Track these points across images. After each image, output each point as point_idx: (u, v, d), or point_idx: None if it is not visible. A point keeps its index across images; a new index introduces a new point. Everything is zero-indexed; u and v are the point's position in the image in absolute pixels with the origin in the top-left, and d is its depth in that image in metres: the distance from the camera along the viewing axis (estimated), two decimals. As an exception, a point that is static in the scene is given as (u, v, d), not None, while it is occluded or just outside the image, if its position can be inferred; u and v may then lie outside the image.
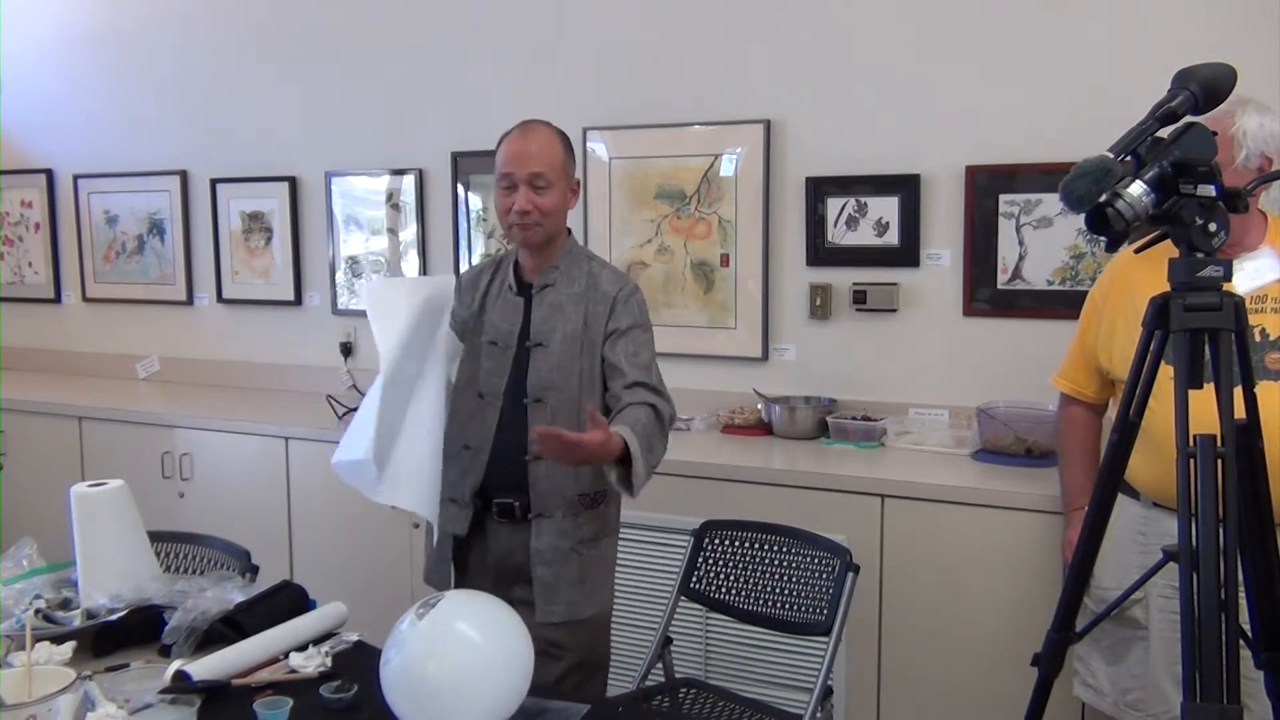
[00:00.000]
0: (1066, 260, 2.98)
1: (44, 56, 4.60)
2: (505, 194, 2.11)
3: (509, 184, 2.10)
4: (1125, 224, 1.55)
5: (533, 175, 2.08)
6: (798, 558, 2.42)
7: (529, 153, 2.09)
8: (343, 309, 4.07)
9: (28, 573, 2.16)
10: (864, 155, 3.19)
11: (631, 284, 2.20)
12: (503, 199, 2.12)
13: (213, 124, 4.26)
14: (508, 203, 2.10)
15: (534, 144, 2.10)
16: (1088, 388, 2.28)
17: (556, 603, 2.13)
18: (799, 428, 3.18)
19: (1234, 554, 1.55)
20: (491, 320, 2.19)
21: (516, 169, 2.09)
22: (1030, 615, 2.47)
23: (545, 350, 2.13)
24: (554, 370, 2.12)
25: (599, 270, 2.20)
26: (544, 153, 2.10)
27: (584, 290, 2.16)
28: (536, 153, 2.09)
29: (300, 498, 3.54)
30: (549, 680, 2.07)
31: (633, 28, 3.48)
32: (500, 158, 2.12)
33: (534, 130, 2.13)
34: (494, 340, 2.17)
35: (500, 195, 2.12)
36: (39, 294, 4.77)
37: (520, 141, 2.11)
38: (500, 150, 2.13)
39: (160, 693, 1.69)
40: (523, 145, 2.10)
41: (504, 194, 2.11)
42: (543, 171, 2.08)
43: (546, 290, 2.16)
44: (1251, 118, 1.97)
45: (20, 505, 3.94)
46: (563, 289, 2.16)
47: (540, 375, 2.12)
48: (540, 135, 2.13)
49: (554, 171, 2.10)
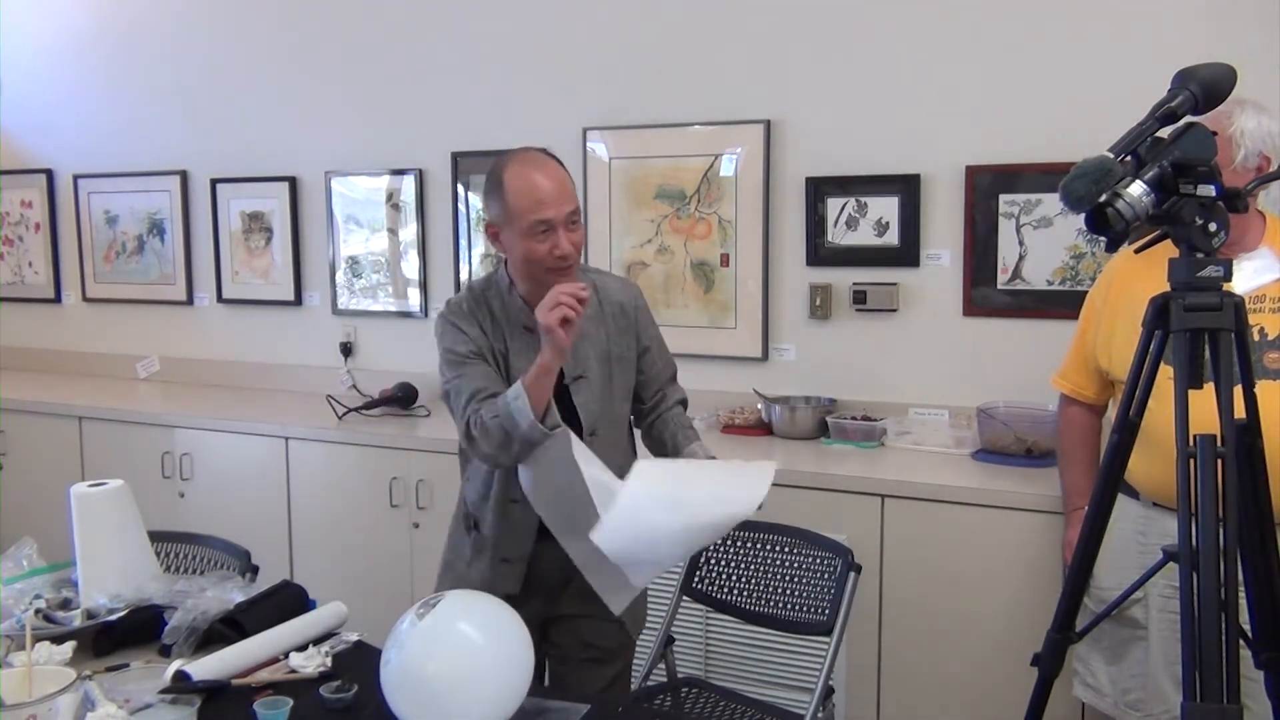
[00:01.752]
0: (1066, 260, 2.98)
1: (44, 56, 4.60)
2: (541, 239, 1.91)
3: (546, 228, 1.91)
4: (1125, 224, 1.55)
5: (570, 214, 1.93)
6: (799, 558, 2.42)
7: (562, 191, 1.93)
8: (343, 309, 4.07)
9: (28, 573, 2.16)
10: (864, 155, 3.19)
11: (635, 286, 2.19)
12: (536, 245, 1.92)
13: (213, 124, 4.26)
14: (543, 247, 1.92)
15: (557, 179, 1.94)
16: (1087, 388, 2.28)
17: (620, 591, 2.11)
18: (799, 428, 3.19)
19: (1234, 554, 1.55)
20: (521, 368, 1.97)
21: (555, 213, 1.90)
22: (1030, 615, 2.46)
23: (587, 381, 2.04)
24: (599, 400, 2.07)
25: (601, 280, 2.14)
26: (568, 184, 1.95)
27: (597, 307, 2.09)
28: (565, 188, 1.94)
29: (300, 498, 3.54)
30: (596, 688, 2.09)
31: (633, 28, 3.48)
32: (527, 202, 1.91)
33: (548, 164, 1.96)
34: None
35: (531, 243, 1.92)
36: (39, 294, 4.77)
37: (550, 181, 1.92)
38: (519, 193, 1.92)
39: (160, 693, 1.69)
40: (557, 184, 1.93)
41: (539, 240, 1.91)
42: (577, 206, 1.95)
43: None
44: (1250, 118, 1.97)
45: (20, 505, 3.94)
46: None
47: (590, 408, 2.05)
48: (557, 168, 1.97)
49: (578, 203, 1.97)
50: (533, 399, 1.85)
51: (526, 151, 2.00)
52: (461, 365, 2.00)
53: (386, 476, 3.33)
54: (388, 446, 3.37)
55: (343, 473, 3.45)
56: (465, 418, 1.95)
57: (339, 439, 3.46)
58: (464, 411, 1.96)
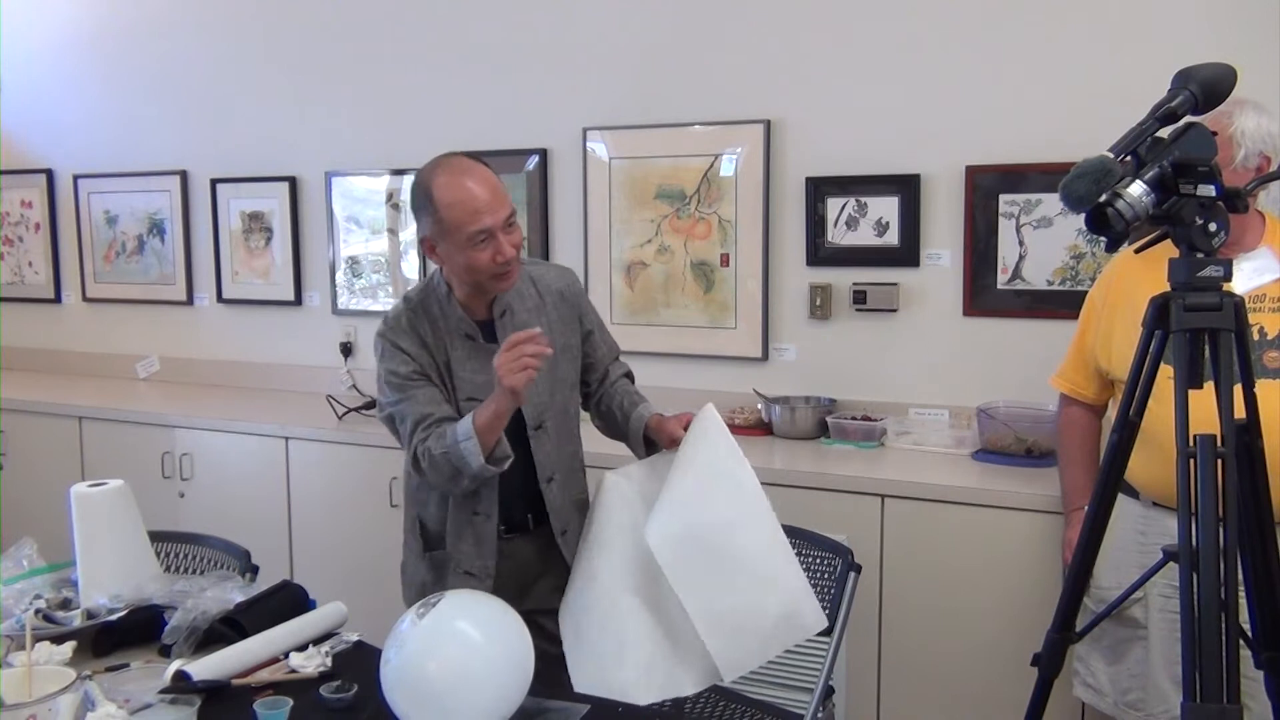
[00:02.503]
0: (1066, 260, 2.98)
1: (44, 56, 4.60)
2: (479, 249, 1.90)
3: (485, 238, 1.90)
4: (1125, 224, 1.55)
5: (506, 219, 1.91)
6: (800, 557, 2.41)
7: (496, 197, 1.91)
8: (343, 309, 4.07)
9: (28, 573, 2.16)
10: (864, 155, 3.19)
11: (571, 272, 2.22)
12: (478, 255, 1.90)
13: (213, 124, 4.26)
14: (485, 255, 1.90)
15: (489, 186, 1.91)
16: (1087, 388, 2.28)
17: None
18: (799, 428, 3.18)
19: (1234, 554, 1.55)
20: (465, 378, 2.02)
21: (492, 221, 1.89)
22: (1030, 615, 2.46)
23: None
24: (546, 391, 2.08)
25: (537, 271, 2.15)
26: (500, 188, 1.93)
27: (537, 299, 2.10)
28: (498, 193, 1.92)
29: (300, 498, 3.54)
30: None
31: (632, 28, 3.48)
32: (462, 214, 1.88)
33: (477, 170, 1.93)
34: (473, 396, 2.00)
35: (472, 253, 1.91)
36: (39, 294, 4.77)
37: (482, 189, 1.90)
38: (453, 205, 1.89)
39: (160, 693, 1.69)
40: (489, 192, 1.90)
41: (479, 250, 1.90)
42: (513, 209, 1.93)
43: (506, 316, 2.05)
44: (1249, 117, 1.98)
45: (20, 505, 3.94)
46: (519, 307, 2.07)
47: (536, 402, 2.06)
48: (487, 173, 1.94)
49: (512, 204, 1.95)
50: (483, 440, 1.87)
51: (450, 159, 1.97)
52: (403, 389, 2.00)
53: (386, 476, 3.33)
54: (388, 446, 3.36)
55: (343, 473, 3.45)
56: (413, 448, 1.97)
57: (339, 439, 3.46)
58: (410, 440, 1.98)
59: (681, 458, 1.99)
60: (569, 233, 3.62)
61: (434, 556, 2.14)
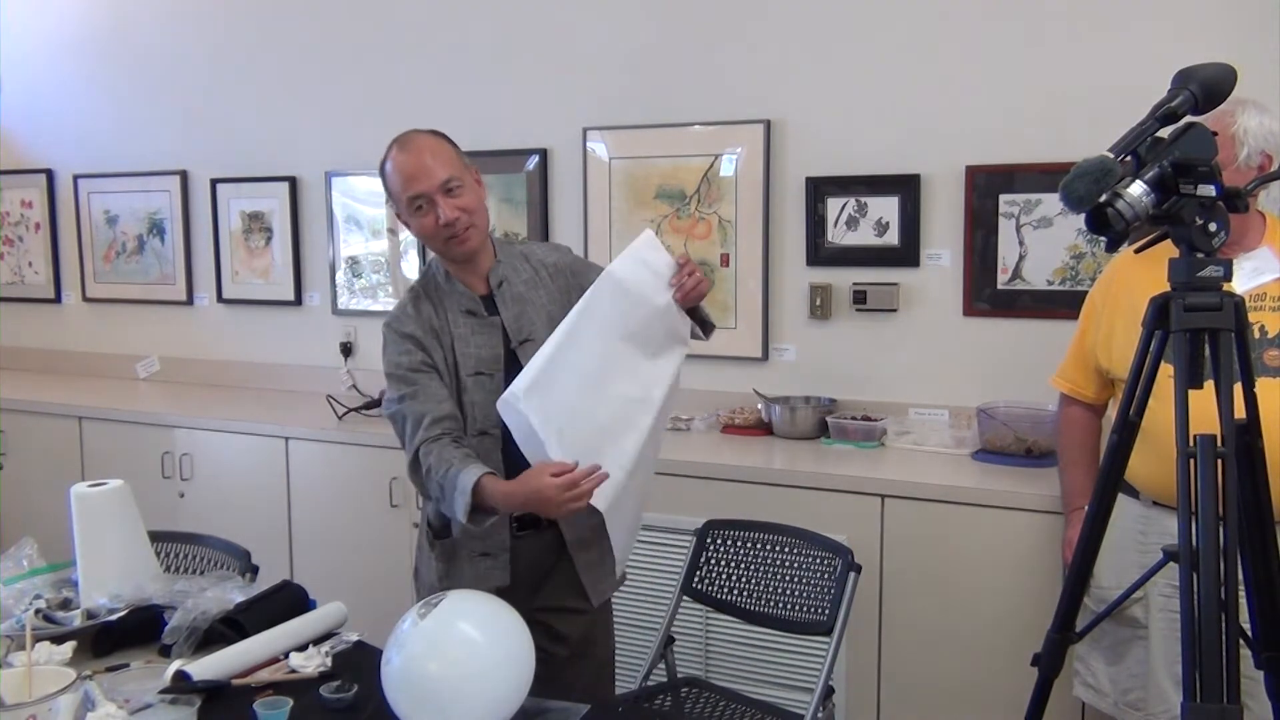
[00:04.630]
0: (1066, 260, 2.98)
1: (44, 56, 4.60)
2: (423, 216, 1.98)
3: (422, 204, 1.97)
4: (1125, 224, 1.55)
5: (443, 183, 1.96)
6: (800, 558, 2.42)
7: (426, 164, 1.97)
8: (343, 309, 4.07)
9: (28, 573, 2.17)
10: (864, 155, 3.19)
11: (565, 246, 2.26)
12: (422, 222, 1.99)
13: (213, 124, 4.26)
14: (429, 222, 1.98)
15: (426, 154, 1.98)
16: (1087, 388, 2.28)
17: (605, 579, 2.16)
18: (799, 428, 3.18)
19: (1234, 554, 1.55)
20: (468, 353, 2.05)
21: (424, 186, 1.96)
22: (1030, 615, 2.46)
23: (534, 345, 2.05)
24: None
25: (529, 250, 2.19)
26: (439, 155, 1.99)
27: (531, 273, 2.13)
28: (432, 161, 1.97)
29: (300, 498, 3.54)
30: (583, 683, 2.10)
31: (633, 28, 3.48)
32: (397, 183, 1.99)
33: (416, 140, 2.01)
34: (478, 370, 2.04)
35: (418, 222, 1.99)
36: (39, 294, 4.77)
37: (411, 157, 1.98)
38: (391, 176, 2.00)
39: (160, 693, 1.69)
40: (417, 159, 1.97)
41: (422, 218, 1.98)
42: (451, 174, 1.97)
43: (504, 286, 2.09)
44: (1252, 117, 1.98)
45: (20, 505, 3.94)
46: (515, 280, 2.11)
47: None
48: (425, 142, 2.01)
49: (458, 169, 2.00)
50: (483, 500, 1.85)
51: (401, 136, 2.04)
52: (407, 382, 2.02)
53: (386, 476, 3.33)
54: (388, 446, 3.36)
55: (343, 473, 3.45)
56: (412, 452, 1.97)
57: (339, 439, 3.46)
58: (411, 443, 1.98)
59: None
60: (569, 233, 3.62)
61: (444, 545, 2.12)
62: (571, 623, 2.14)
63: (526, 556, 2.11)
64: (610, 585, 2.20)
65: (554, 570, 2.14)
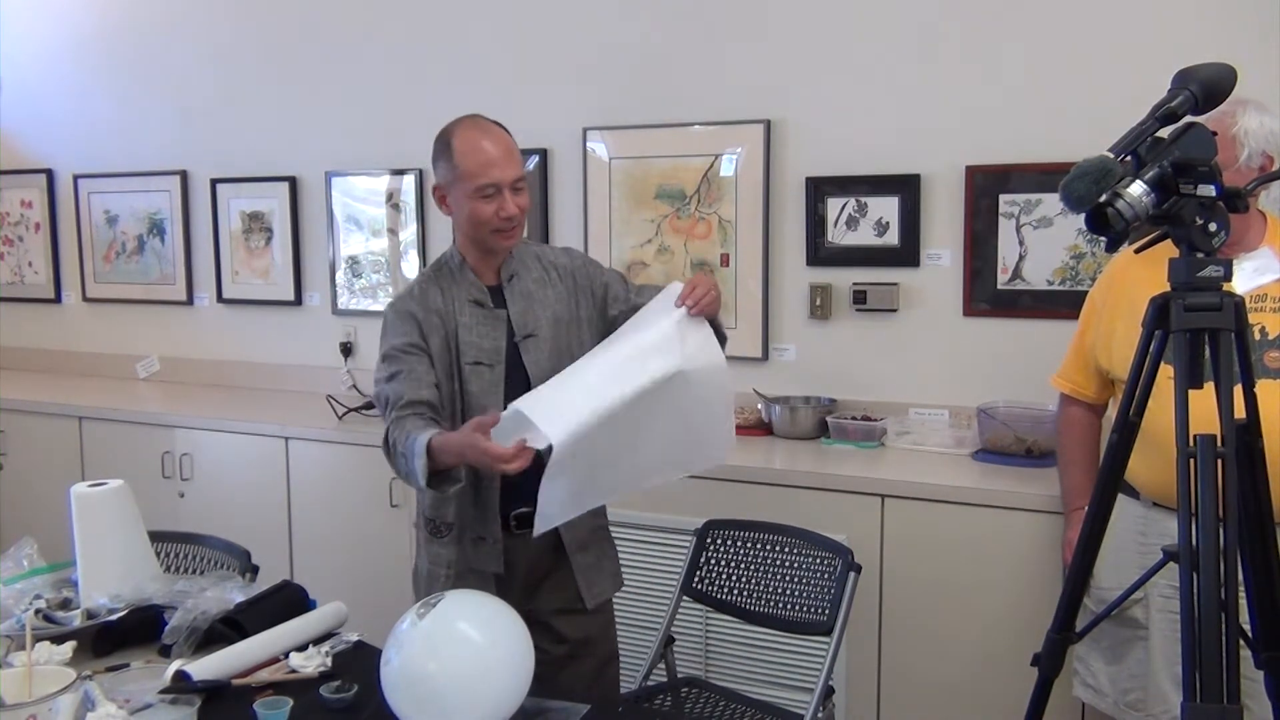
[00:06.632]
0: (1066, 260, 2.98)
1: (44, 56, 4.59)
2: (486, 201, 2.01)
3: (491, 192, 2.01)
4: (1125, 224, 1.55)
5: (515, 179, 2.03)
6: (800, 558, 2.42)
7: (509, 156, 2.03)
8: (343, 309, 4.07)
9: (28, 573, 2.17)
10: (864, 155, 3.19)
11: (576, 250, 2.27)
12: (482, 206, 2.01)
13: (213, 124, 4.26)
14: (489, 209, 2.01)
15: (504, 144, 2.04)
16: (1087, 388, 2.28)
17: (601, 583, 2.17)
18: (799, 428, 3.18)
19: (1234, 554, 1.55)
20: (469, 341, 2.07)
21: (501, 176, 2.00)
22: (1030, 615, 2.46)
23: (536, 340, 2.08)
24: (549, 356, 2.08)
25: (542, 251, 2.21)
26: (515, 152, 2.05)
27: (542, 273, 2.15)
28: (512, 154, 2.04)
29: (300, 498, 3.54)
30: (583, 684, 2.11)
31: (633, 28, 3.48)
32: (474, 164, 2.00)
33: (495, 129, 2.06)
34: (478, 360, 2.06)
35: (478, 204, 2.02)
36: (39, 294, 4.77)
37: (497, 145, 2.03)
38: (467, 155, 2.01)
39: (160, 693, 1.69)
40: (503, 149, 2.03)
41: (484, 201, 2.01)
42: (521, 172, 2.05)
43: (514, 281, 2.12)
44: (1252, 117, 1.98)
45: (20, 505, 3.94)
46: (526, 276, 2.14)
47: (539, 365, 2.07)
48: (504, 134, 2.06)
49: (523, 169, 2.07)
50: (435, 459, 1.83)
51: (475, 117, 2.08)
52: (394, 362, 2.03)
53: (386, 476, 3.32)
54: (388, 446, 3.37)
55: (343, 473, 3.45)
56: (385, 431, 1.97)
57: (339, 439, 3.46)
58: (385, 422, 1.99)
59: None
60: (569, 233, 3.62)
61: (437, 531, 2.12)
62: (570, 623, 2.15)
63: (525, 557, 2.11)
64: (608, 588, 2.20)
65: (552, 571, 2.14)
